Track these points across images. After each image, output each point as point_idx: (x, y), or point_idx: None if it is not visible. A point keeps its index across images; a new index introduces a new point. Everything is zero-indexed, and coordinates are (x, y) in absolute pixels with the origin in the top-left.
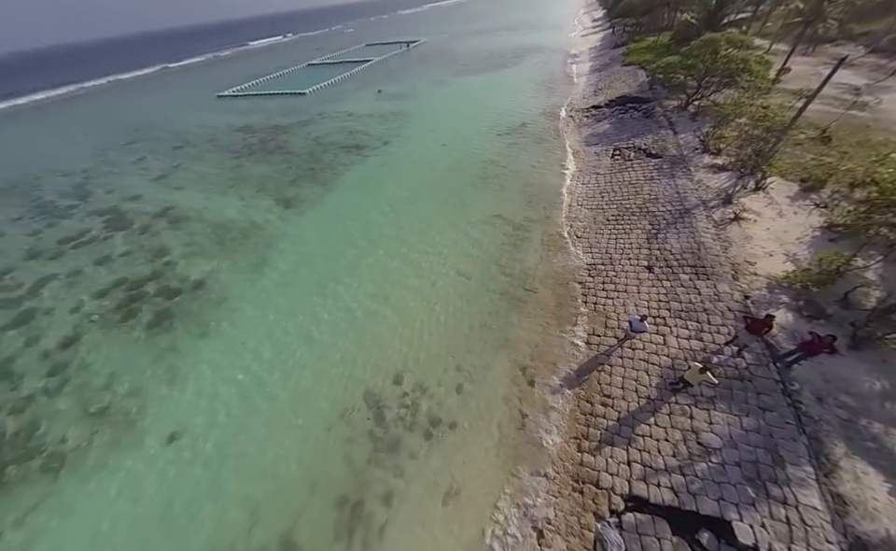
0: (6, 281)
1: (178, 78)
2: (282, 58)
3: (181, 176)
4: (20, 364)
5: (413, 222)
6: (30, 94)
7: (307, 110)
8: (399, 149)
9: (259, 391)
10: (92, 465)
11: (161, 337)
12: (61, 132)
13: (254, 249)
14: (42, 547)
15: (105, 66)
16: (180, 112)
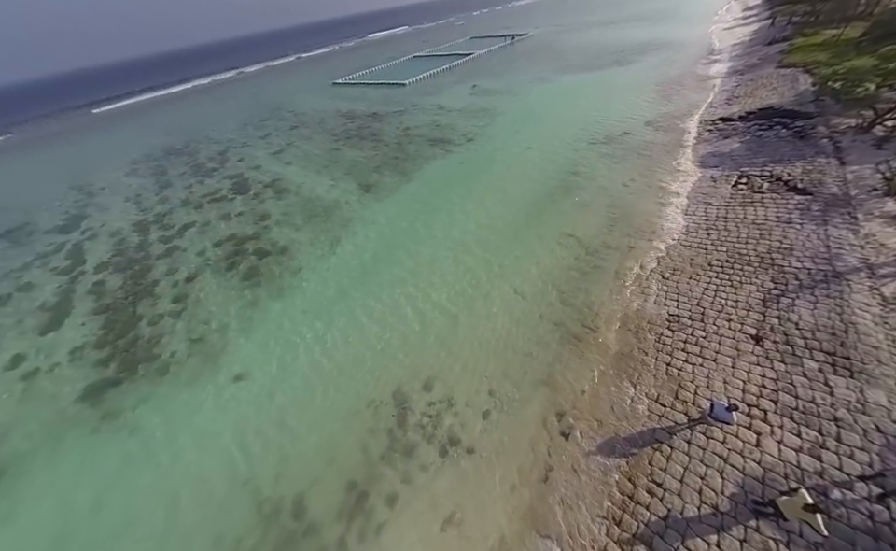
0: (166, 220)
1: (307, 67)
2: (393, 50)
3: (291, 152)
4: (160, 287)
5: (479, 226)
6: (198, 79)
7: (403, 101)
8: (481, 148)
9: (308, 359)
10: (184, 381)
11: (248, 290)
12: (218, 108)
13: (332, 227)
14: (141, 433)
15: (257, 56)
16: (302, 96)
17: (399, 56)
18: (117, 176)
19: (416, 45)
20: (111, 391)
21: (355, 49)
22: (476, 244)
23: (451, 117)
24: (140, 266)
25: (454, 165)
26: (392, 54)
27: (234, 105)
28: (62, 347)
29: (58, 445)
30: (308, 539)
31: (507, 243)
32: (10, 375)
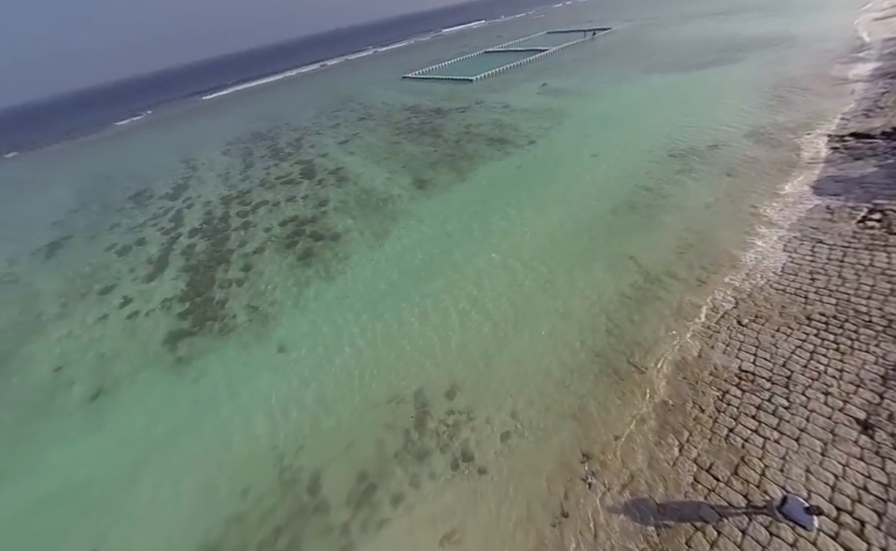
0: (245, 197)
1: (382, 61)
2: (465, 45)
3: (356, 143)
4: (233, 256)
5: (530, 236)
6: (288, 71)
7: (468, 97)
8: (542, 152)
9: (346, 341)
10: (241, 343)
11: (301, 270)
12: (300, 98)
13: (383, 220)
14: (207, 381)
15: (339, 49)
16: (373, 88)
17: (470, 51)
18: (214, 155)
19: (489, 40)
20: (186, 340)
21: (428, 44)
22: (525, 254)
23: (514, 116)
24: (221, 235)
25: (511, 168)
26: (463, 49)
27: (313, 95)
28: (157, 295)
29: (146, 376)
30: (317, 516)
31: (559, 257)
32: (120, 312)
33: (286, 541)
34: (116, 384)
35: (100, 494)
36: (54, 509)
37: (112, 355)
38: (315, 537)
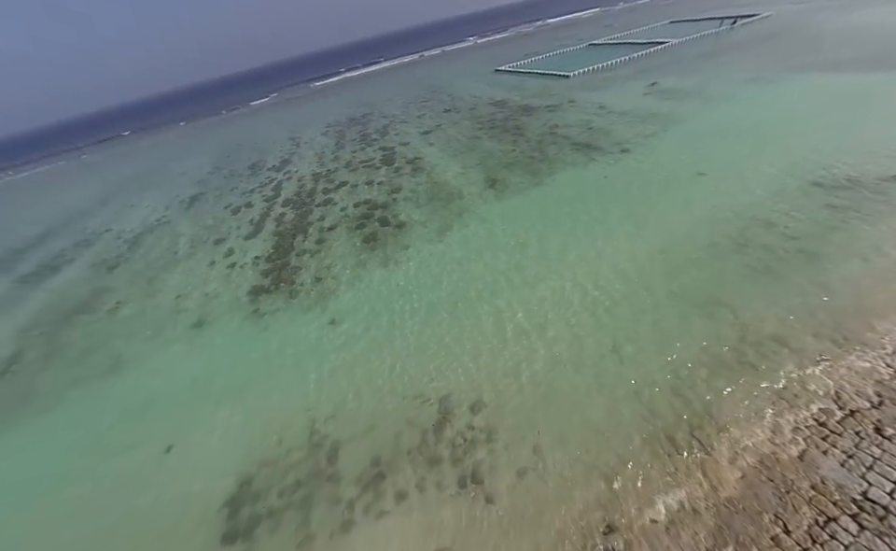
0: (332, 176)
1: (479, 52)
2: (570, 35)
3: (437, 134)
4: (311, 229)
5: (605, 257)
6: (389, 60)
7: (560, 95)
8: (634, 163)
9: (391, 327)
10: (303, 307)
11: (363, 252)
12: (394, 87)
13: (447, 215)
14: (271, 335)
15: (441, 40)
16: (464, 80)
17: (573, 43)
18: (315, 135)
19: (597, 31)
20: (263, 295)
21: (530, 36)
22: (593, 278)
23: (609, 119)
24: (306, 208)
25: (594, 178)
26: (567, 41)
27: (407, 85)
28: (251, 253)
29: (230, 318)
30: (330, 483)
31: (633, 289)
32: (224, 261)
33: (301, 495)
34: (210, 319)
35: (178, 401)
36: (146, 400)
37: (213, 295)
38: (325, 502)
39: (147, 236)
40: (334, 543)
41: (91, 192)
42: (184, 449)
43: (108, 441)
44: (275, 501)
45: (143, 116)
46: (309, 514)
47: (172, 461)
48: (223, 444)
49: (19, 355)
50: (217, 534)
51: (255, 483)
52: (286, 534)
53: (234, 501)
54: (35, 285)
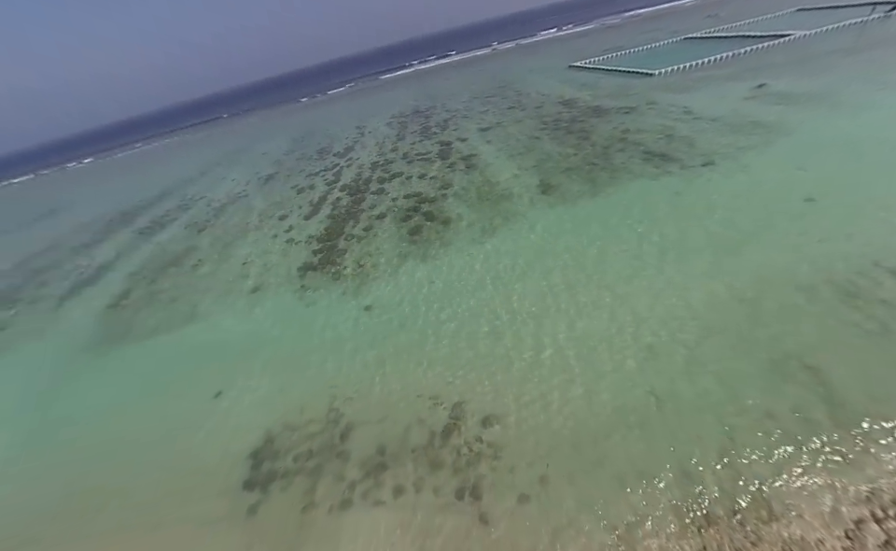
0: (388, 166)
1: (556, 45)
2: (661, 28)
3: (496, 132)
4: (362, 215)
5: (669, 290)
6: (462, 53)
7: (639, 95)
8: (720, 180)
9: (423, 323)
10: (342, 290)
11: (405, 244)
12: (462, 81)
13: (494, 217)
14: (314, 310)
15: (512, 33)
16: (534, 76)
17: (666, 37)
18: (379, 124)
19: (697, 22)
20: (311, 273)
21: (616, 27)
22: (654, 311)
23: (695, 126)
24: (359, 195)
25: (664, 194)
26: (658, 35)
27: (474, 79)
28: (307, 231)
29: (282, 290)
30: (338, 460)
31: (700, 330)
32: (285, 236)
33: (312, 464)
34: (266, 287)
35: (231, 355)
36: (208, 349)
37: (271, 266)
38: (331, 476)
39: (230, 206)
40: (332, 518)
41: (195, 165)
42: (229, 398)
43: (174, 378)
44: (290, 463)
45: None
46: (316, 483)
47: (219, 406)
48: (259, 401)
49: (127, 293)
50: (241, 480)
51: (277, 442)
52: (293, 496)
53: (258, 454)
54: (147, 238)
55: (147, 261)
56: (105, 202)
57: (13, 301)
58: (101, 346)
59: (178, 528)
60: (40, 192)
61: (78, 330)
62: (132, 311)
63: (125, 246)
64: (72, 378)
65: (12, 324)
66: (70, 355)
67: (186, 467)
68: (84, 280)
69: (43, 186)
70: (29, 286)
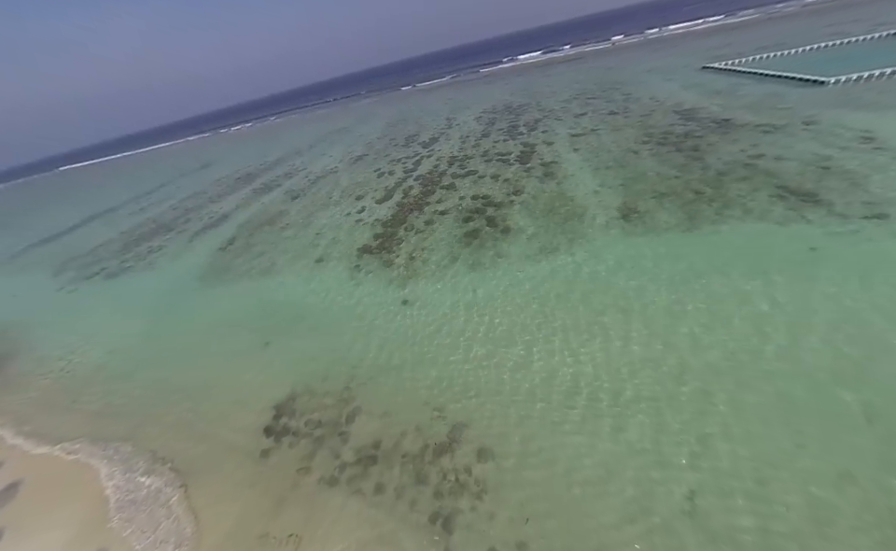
0: (465, 162)
1: (691, 42)
2: (854, 20)
3: (588, 140)
4: (427, 208)
5: (763, 366)
6: (564, 49)
7: (794, 110)
8: (885, 242)
9: (449, 329)
10: (388, 279)
11: (459, 247)
12: (569, 78)
13: (557, 236)
14: (362, 291)
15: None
16: (654, 77)
17: (863, 31)
18: (468, 118)
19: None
20: (366, 255)
21: (784, 18)
22: (733, 396)
23: (872, 161)
24: (430, 187)
25: (792, 246)
26: (852, 27)
27: (581, 78)
28: (375, 214)
29: (343, 264)
30: (337, 438)
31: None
32: (360, 215)
33: (318, 433)
34: (328, 259)
35: (287, 313)
36: (272, 303)
37: (337, 241)
38: (328, 451)
39: (321, 180)
40: (317, 488)
41: (307, 138)
42: (275, 350)
43: (244, 320)
44: (302, 426)
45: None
46: (316, 451)
47: (266, 354)
48: (294, 360)
49: (233, 240)
50: (262, 425)
51: (297, 402)
52: (295, 456)
53: (281, 408)
54: (258, 197)
55: (252, 216)
56: (239, 161)
57: (170, 229)
58: (207, 278)
59: (210, 442)
60: (204, 150)
61: (198, 260)
62: (232, 255)
63: (242, 201)
64: (184, 297)
65: (165, 246)
66: (187, 281)
67: (231, 397)
68: (211, 223)
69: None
70: (180, 221)
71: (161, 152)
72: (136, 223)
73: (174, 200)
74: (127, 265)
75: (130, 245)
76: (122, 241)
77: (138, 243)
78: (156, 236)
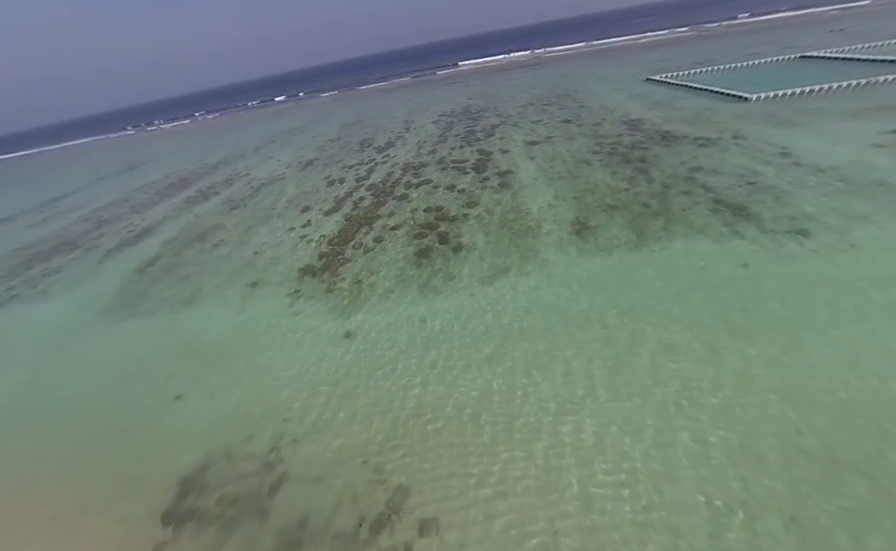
0: (420, 171)
1: (634, 53)
2: (771, 42)
3: (543, 148)
4: (377, 223)
5: (713, 398)
6: (521, 54)
7: (724, 124)
8: (809, 260)
9: (387, 367)
10: (329, 307)
11: (408, 268)
12: (527, 83)
13: (511, 254)
14: (299, 322)
15: (591, 33)
16: (603, 86)
17: (776, 52)
18: (425, 121)
19: (818, 38)
20: (308, 278)
21: (713, 37)
22: (685, 421)
23: (791, 175)
24: (382, 198)
25: (729, 263)
26: (767, 49)
27: (538, 83)
28: (321, 230)
29: (278, 291)
30: (256, 518)
31: (750, 476)
32: (301, 230)
33: (231, 513)
34: (264, 284)
35: (207, 354)
36: (190, 342)
37: (277, 260)
38: (243, 537)
39: (265, 188)
40: None
41: (257, 138)
42: (189, 404)
43: (155, 362)
44: (212, 505)
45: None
46: (227, 540)
47: (178, 410)
48: (213, 416)
49: (155, 260)
50: (161, 509)
51: (210, 473)
52: (204, 543)
53: (188, 482)
54: (191, 207)
55: (182, 230)
56: (175, 163)
57: (77, 246)
58: (115, 310)
59: (84, 543)
60: (134, 148)
61: (107, 287)
62: (151, 279)
63: (172, 211)
64: (80, 336)
65: (66, 268)
66: (88, 314)
67: (123, 472)
68: (129, 239)
69: (140, 142)
70: (91, 235)
71: (79, 150)
72: (34, 239)
73: (86, 209)
74: (13, 294)
75: (20, 267)
76: (11, 261)
77: (31, 264)
78: (56, 255)
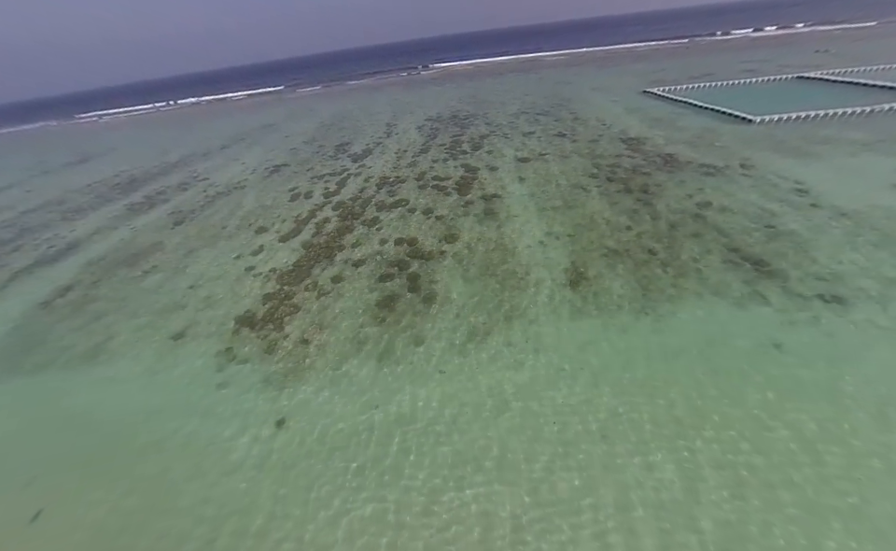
0: (396, 187)
1: (631, 62)
2: (763, 60)
3: (535, 166)
4: (339, 257)
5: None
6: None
7: (730, 150)
8: (848, 337)
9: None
10: (265, 375)
11: (368, 324)
12: (521, 89)
13: (493, 312)
14: (224, 395)
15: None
16: (599, 97)
17: (772, 71)
18: (409, 127)
19: (805, 57)
20: (245, 330)
21: (706, 51)
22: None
23: (813, 220)
24: (350, 222)
25: (753, 341)
26: (761, 66)
27: (532, 88)
28: (273, 262)
29: (205, 348)
30: None
31: None
32: (249, 259)
33: None
34: (190, 336)
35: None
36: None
37: (213, 302)
38: None
39: (221, 199)
40: None
41: (225, 134)
42: (51, 525)
43: (13, 460)
44: None
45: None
46: None
47: (31, 536)
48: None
49: (67, 289)
50: None
51: None
52: None
53: None
54: (130, 218)
55: (111, 249)
56: (130, 158)
57: None
58: (6, 360)
59: None
60: (94, 136)
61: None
62: (56, 317)
63: (107, 221)
64: None
65: None
66: None
67: None
68: (47, 257)
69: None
70: (6, 248)
71: (37, 135)
72: None
73: (13, 211)
74: None
75: None
76: None
77: None
78: None
